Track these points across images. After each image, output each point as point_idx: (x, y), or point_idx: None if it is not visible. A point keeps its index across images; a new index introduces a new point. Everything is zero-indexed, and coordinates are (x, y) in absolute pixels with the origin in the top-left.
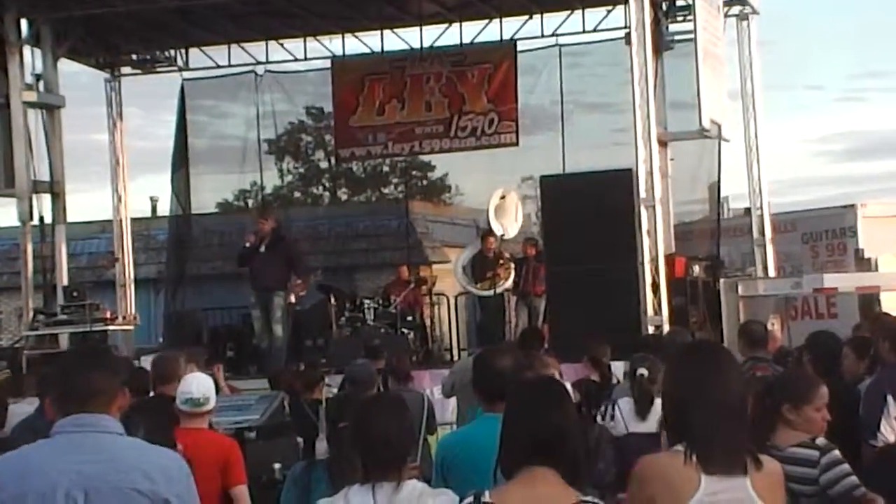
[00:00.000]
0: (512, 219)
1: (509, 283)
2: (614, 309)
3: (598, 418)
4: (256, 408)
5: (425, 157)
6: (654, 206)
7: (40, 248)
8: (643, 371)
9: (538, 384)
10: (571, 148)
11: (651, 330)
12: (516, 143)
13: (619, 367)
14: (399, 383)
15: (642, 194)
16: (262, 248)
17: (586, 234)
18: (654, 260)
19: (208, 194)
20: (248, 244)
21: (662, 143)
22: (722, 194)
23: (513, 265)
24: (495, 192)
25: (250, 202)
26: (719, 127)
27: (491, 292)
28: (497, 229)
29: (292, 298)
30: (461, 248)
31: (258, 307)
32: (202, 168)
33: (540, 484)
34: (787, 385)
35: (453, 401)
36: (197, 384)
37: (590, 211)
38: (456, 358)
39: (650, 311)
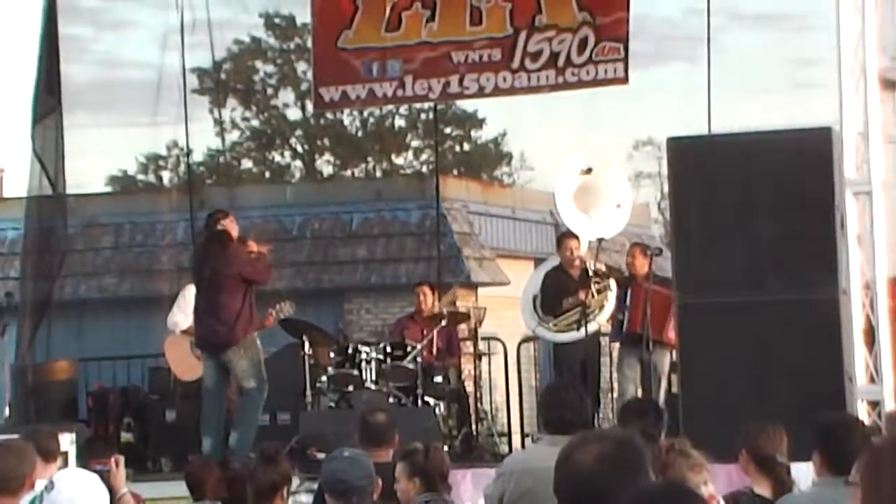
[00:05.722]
0: (610, 207)
1: (604, 314)
2: (797, 372)
3: None
4: None
5: (469, 105)
6: (869, 193)
7: None
8: None
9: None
10: (723, 90)
11: (863, 409)
12: (625, 81)
13: (804, 473)
14: (428, 488)
15: (849, 172)
16: (206, 272)
17: (748, 241)
18: (870, 287)
19: (95, 161)
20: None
21: (888, 85)
22: None
23: (613, 285)
24: (570, 162)
25: (166, 176)
26: None
27: (572, 335)
28: (579, 227)
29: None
30: (532, 261)
31: (210, 368)
32: (84, 117)
33: None
34: None
35: None
36: (87, 490)
37: (754, 200)
38: (517, 447)
39: (861, 377)
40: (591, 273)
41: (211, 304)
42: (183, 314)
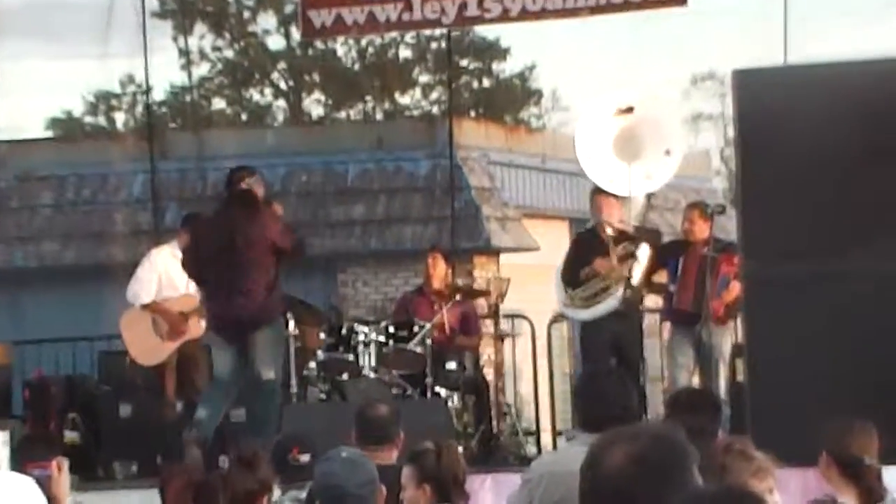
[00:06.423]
0: (657, 154)
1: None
2: (889, 358)
3: None
4: None
5: (488, 32)
6: None
7: None
8: None
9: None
10: (802, 13)
11: None
12: (683, 2)
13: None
14: (440, 497)
15: None
16: (239, 241)
17: (832, 198)
18: None
19: (33, 101)
20: None
21: None
22: None
23: (643, 251)
24: (603, 99)
25: (120, 118)
26: None
27: (592, 311)
28: (607, 181)
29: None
30: (566, 221)
31: (228, 354)
32: (19, 47)
33: None
34: None
35: None
36: (21, 499)
37: (840, 147)
38: (547, 447)
39: None
40: (625, 237)
41: (238, 278)
42: (147, 283)
